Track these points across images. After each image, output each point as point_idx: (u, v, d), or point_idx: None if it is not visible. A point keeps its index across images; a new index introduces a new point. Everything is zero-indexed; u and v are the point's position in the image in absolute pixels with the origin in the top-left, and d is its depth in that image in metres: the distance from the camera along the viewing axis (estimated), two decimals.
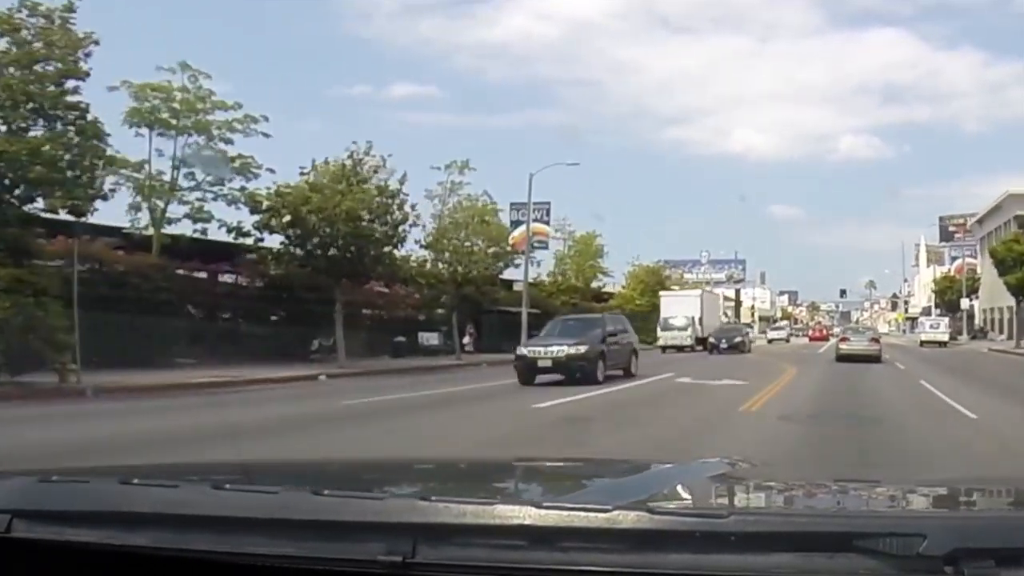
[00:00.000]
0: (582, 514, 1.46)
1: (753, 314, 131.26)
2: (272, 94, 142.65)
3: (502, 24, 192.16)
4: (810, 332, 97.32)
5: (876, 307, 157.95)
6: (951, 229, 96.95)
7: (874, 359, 31.56)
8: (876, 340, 35.04)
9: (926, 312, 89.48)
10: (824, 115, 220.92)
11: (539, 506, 1.48)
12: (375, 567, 1.48)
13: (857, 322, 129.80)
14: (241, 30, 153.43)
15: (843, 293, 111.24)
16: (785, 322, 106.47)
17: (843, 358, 32.46)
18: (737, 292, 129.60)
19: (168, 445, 9.55)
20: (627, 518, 1.44)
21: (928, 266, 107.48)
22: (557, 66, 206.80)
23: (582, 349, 21.12)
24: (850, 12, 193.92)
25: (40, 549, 1.64)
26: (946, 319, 66.47)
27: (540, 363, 21.08)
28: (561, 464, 2.99)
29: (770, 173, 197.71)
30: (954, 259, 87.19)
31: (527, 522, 1.46)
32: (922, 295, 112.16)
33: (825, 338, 77.32)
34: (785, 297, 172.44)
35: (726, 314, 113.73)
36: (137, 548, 1.59)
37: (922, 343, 58.26)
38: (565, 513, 1.47)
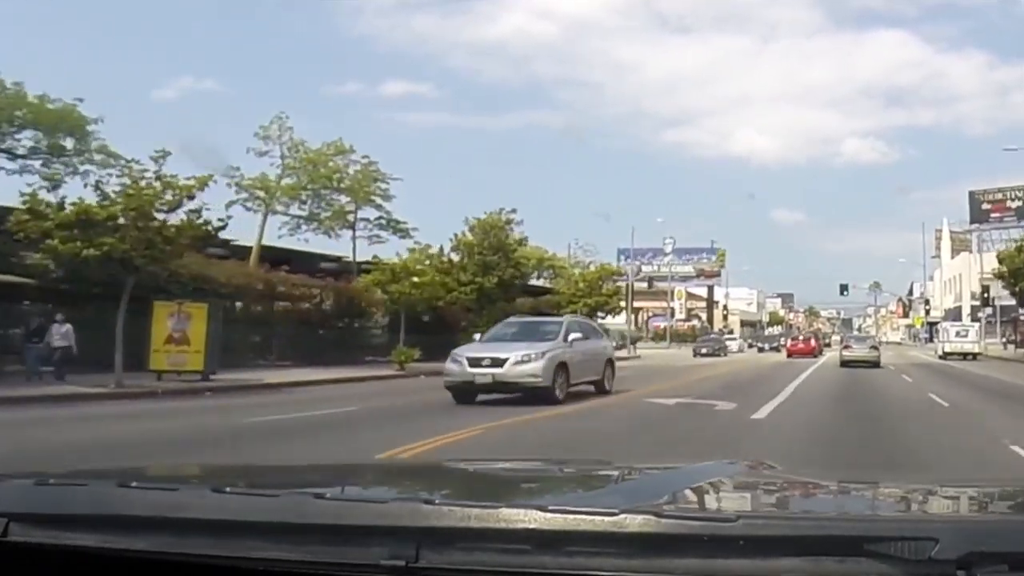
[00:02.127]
0: (588, 518, 1.44)
1: (726, 319, 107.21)
2: (259, 91, 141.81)
3: (500, 22, 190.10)
4: (790, 342, 59.27)
5: (884, 311, 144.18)
6: (985, 207, 76.65)
7: (874, 364, 35.39)
8: (875, 348, 40.00)
9: (953, 316, 69.67)
10: (828, 118, 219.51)
11: (545, 510, 1.46)
12: (378, 572, 1.46)
13: (860, 329, 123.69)
14: (227, 25, 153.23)
15: (844, 289, 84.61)
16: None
17: (846, 363, 35.91)
18: (710, 290, 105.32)
19: None
20: (634, 522, 1.42)
21: (952, 257, 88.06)
22: (557, 65, 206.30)
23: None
24: (853, 13, 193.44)
25: (37, 553, 1.62)
26: (976, 325, 51.96)
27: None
28: (567, 467, 2.97)
29: (773, 176, 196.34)
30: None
31: (532, 526, 1.44)
32: (945, 294, 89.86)
33: (813, 351, 52.64)
34: (779, 300, 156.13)
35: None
36: (136, 552, 1.58)
37: (944, 355, 47.02)
38: (571, 517, 1.45)
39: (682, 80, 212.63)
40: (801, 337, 59.52)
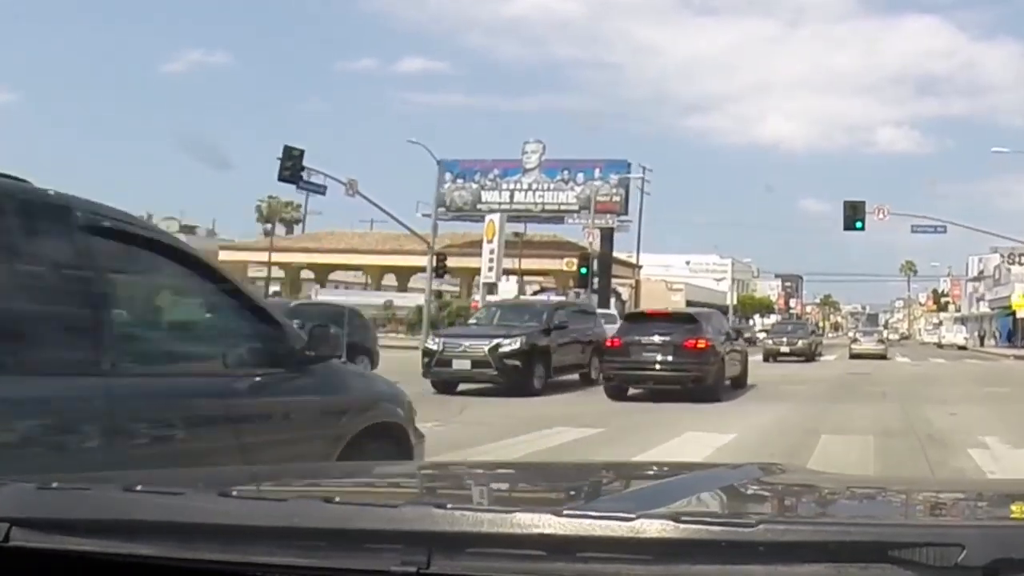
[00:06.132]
0: (604, 523, 1.41)
1: (634, 295, 53.89)
2: (270, 67, 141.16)
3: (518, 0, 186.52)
4: None
5: (924, 298, 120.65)
6: None
7: (881, 356, 36.40)
8: (882, 341, 41.73)
9: None
10: (858, 106, 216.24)
11: (560, 514, 1.43)
12: None
13: (886, 324, 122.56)
14: None
15: (853, 216, 32.84)
16: None
17: (855, 356, 36.87)
18: (606, 238, 48.79)
19: None
20: (652, 527, 1.39)
21: None
22: (577, 46, 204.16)
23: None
24: None
25: (40, 558, 1.60)
26: None
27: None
28: (583, 470, 2.94)
29: (801, 165, 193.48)
30: None
31: (547, 531, 1.41)
32: None
33: None
34: (778, 282, 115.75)
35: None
36: (141, 558, 1.55)
37: None
38: (587, 522, 1.41)
39: (706, 64, 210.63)
40: None
